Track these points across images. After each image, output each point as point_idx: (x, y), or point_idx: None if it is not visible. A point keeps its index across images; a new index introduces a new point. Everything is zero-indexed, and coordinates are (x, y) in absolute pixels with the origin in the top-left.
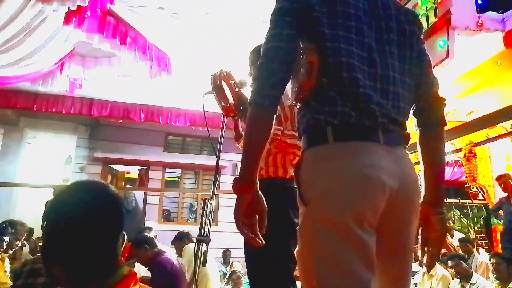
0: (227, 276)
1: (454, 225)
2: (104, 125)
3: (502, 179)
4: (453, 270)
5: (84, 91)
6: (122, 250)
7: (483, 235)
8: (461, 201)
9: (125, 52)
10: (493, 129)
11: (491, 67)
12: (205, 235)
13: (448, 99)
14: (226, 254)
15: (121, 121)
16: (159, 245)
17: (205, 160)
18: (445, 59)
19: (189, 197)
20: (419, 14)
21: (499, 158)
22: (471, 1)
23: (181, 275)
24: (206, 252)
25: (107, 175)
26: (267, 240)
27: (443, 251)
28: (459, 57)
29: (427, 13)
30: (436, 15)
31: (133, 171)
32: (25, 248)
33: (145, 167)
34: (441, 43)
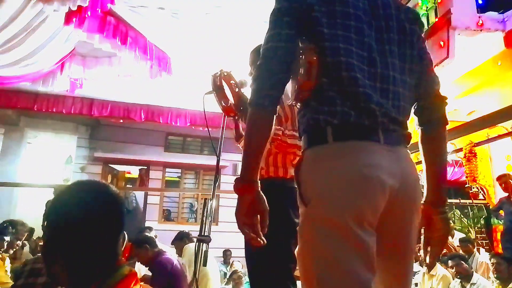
0: (228, 276)
1: (454, 225)
2: (104, 125)
3: (502, 179)
4: (454, 270)
5: (84, 91)
6: (122, 250)
7: (483, 235)
8: (462, 201)
9: (125, 52)
10: (494, 129)
11: (492, 67)
12: (205, 235)
13: (448, 99)
14: (226, 254)
15: (121, 121)
16: (160, 245)
17: (206, 160)
18: (446, 59)
19: (189, 197)
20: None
21: (500, 158)
22: (472, 1)
23: (182, 275)
24: (206, 252)
25: (108, 175)
26: (267, 240)
27: (443, 251)
28: (459, 57)
29: (428, 13)
30: (436, 15)
31: (134, 171)
32: (25, 247)
33: (146, 167)
34: (441, 43)
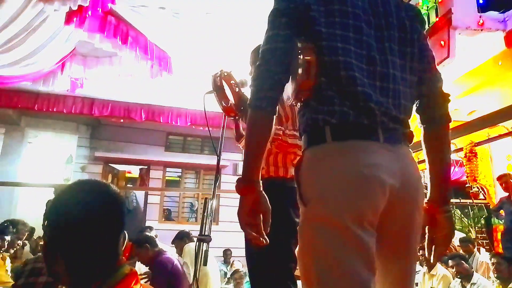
0: (229, 275)
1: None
2: (105, 125)
3: (503, 179)
4: (454, 270)
5: (85, 90)
6: (123, 249)
7: (484, 235)
8: (462, 200)
9: (126, 51)
10: (494, 128)
11: (492, 67)
12: (205, 234)
13: (450, 96)
14: (226, 253)
15: (122, 120)
16: (160, 244)
17: (206, 159)
18: (446, 59)
19: (189, 197)
20: None
21: (500, 157)
22: (472, 0)
23: (182, 275)
24: (206, 251)
25: (108, 174)
26: (268, 239)
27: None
28: (460, 56)
29: (428, 13)
30: (437, 15)
31: (134, 171)
32: (26, 247)
33: (146, 167)
34: (442, 43)
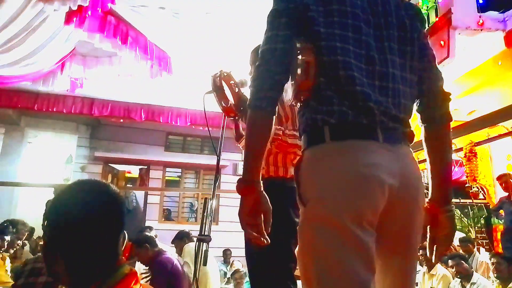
0: (230, 275)
1: None
2: (105, 125)
3: (502, 179)
4: (454, 269)
5: (85, 90)
6: (122, 249)
7: (483, 235)
8: (462, 200)
9: (126, 51)
10: (494, 128)
11: (492, 67)
12: (205, 234)
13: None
14: (226, 253)
15: (121, 120)
16: (160, 244)
17: (206, 159)
18: (446, 59)
19: (189, 197)
20: None
21: (500, 157)
22: (472, 0)
23: (182, 275)
24: (206, 251)
25: (108, 174)
26: (268, 239)
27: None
28: (460, 56)
29: (428, 13)
30: (437, 15)
31: (134, 171)
32: (26, 247)
33: (146, 167)
34: (442, 43)
